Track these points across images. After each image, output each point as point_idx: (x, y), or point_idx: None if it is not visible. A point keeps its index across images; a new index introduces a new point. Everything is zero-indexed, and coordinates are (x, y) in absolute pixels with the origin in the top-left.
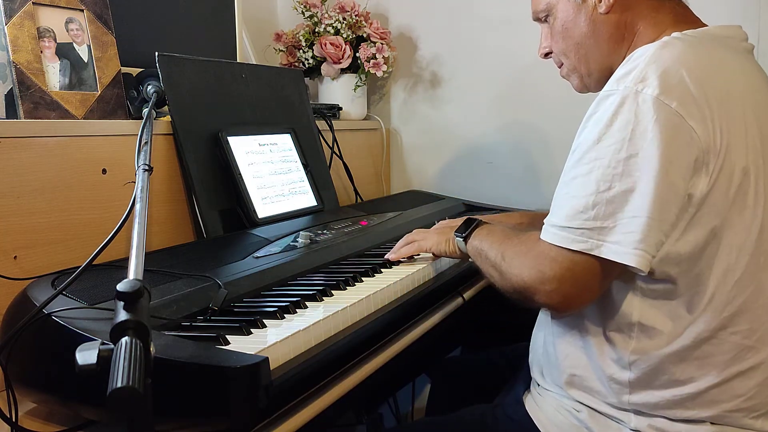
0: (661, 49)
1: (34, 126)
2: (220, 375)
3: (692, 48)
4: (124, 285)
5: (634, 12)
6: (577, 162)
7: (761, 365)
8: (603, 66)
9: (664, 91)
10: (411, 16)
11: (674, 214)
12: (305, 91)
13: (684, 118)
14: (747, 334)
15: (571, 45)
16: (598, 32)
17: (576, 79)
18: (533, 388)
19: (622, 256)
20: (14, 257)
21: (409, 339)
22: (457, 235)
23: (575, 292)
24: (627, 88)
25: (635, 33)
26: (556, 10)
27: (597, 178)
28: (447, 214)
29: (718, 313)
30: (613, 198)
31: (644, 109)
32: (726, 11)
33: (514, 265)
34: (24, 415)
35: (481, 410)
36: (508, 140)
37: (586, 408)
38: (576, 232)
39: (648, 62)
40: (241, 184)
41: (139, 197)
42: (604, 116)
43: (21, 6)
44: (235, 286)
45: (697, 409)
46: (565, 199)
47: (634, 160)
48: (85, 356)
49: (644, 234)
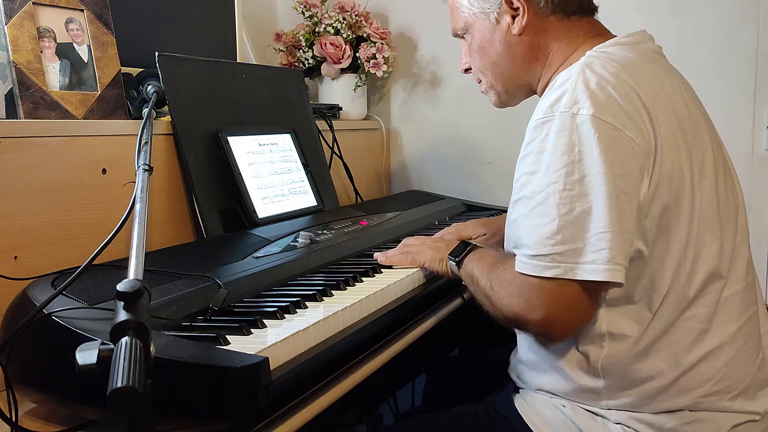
0: (583, 71)
1: (34, 126)
2: (221, 375)
3: (609, 62)
4: (124, 285)
5: (547, 33)
6: (529, 191)
7: (723, 346)
8: (519, 84)
9: (598, 109)
10: (411, 16)
11: (632, 222)
12: (305, 91)
13: (621, 130)
14: (703, 318)
15: (487, 63)
16: (512, 53)
17: (494, 96)
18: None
19: (599, 274)
20: (14, 257)
21: (409, 339)
22: (451, 258)
23: (566, 314)
24: (563, 113)
25: (549, 52)
26: (473, 29)
27: (555, 202)
28: (447, 214)
29: (676, 305)
30: (575, 219)
31: (584, 130)
32: (724, 13)
33: (502, 295)
34: (24, 415)
35: (474, 408)
36: (508, 140)
37: (570, 404)
38: (546, 258)
39: (575, 85)
40: (241, 184)
41: (139, 197)
42: (546, 143)
43: (21, 6)
44: (235, 286)
45: (672, 400)
46: (528, 229)
47: (588, 180)
48: (85, 356)
49: (614, 249)
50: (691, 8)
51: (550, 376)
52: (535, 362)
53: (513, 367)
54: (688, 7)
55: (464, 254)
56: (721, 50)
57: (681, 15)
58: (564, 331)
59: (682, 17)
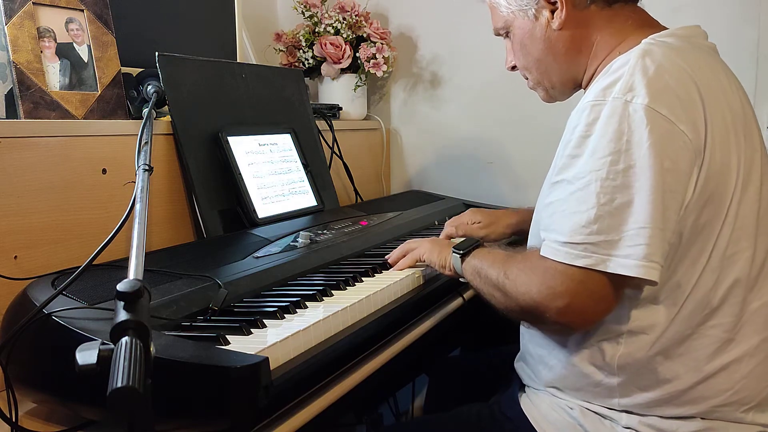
0: (642, 57)
1: (34, 126)
2: (221, 375)
3: (670, 51)
4: (124, 285)
5: (588, 24)
6: (570, 175)
7: (744, 357)
8: (564, 79)
9: (654, 99)
10: (411, 16)
11: (674, 221)
12: (305, 91)
13: (675, 123)
14: (728, 328)
15: (531, 60)
16: (554, 48)
17: (542, 92)
18: (527, 386)
19: (633, 270)
20: (14, 257)
21: (409, 339)
22: (455, 251)
23: (590, 305)
24: (615, 99)
25: (592, 44)
26: (513, 27)
27: (596, 190)
28: (447, 214)
29: (700, 309)
30: (615, 210)
31: (636, 119)
32: (726, 13)
33: (519, 282)
34: (24, 415)
35: (478, 408)
36: (508, 140)
37: (578, 405)
38: (579, 247)
39: (632, 71)
40: (241, 184)
41: (139, 197)
42: (593, 127)
43: (21, 6)
44: (235, 286)
45: (686, 406)
46: (564, 215)
47: (633, 171)
48: (85, 356)
49: (651, 245)
50: (692, 7)
51: (559, 371)
52: (544, 357)
53: (518, 363)
54: (688, 7)
55: (470, 248)
56: (722, 50)
57: (681, 14)
58: (584, 323)
59: (682, 16)
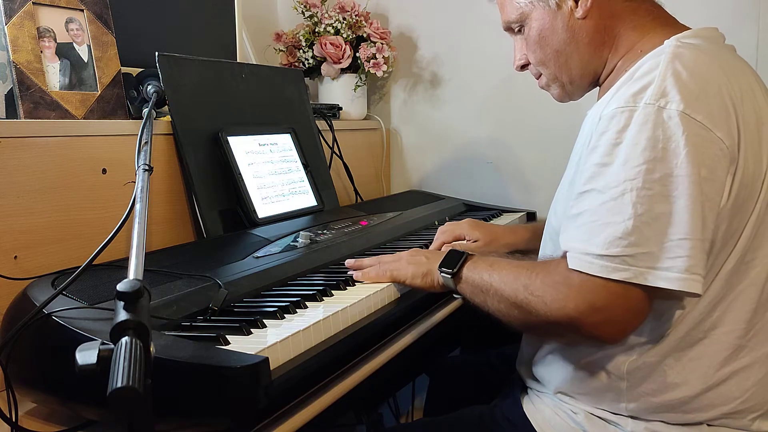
0: (672, 61)
1: (34, 126)
2: (221, 375)
3: (700, 55)
4: (124, 285)
5: (613, 15)
6: (600, 185)
7: (754, 365)
8: (585, 72)
9: (689, 104)
10: (411, 16)
11: (712, 230)
12: (305, 91)
13: (711, 130)
14: (741, 334)
15: (549, 53)
16: (577, 38)
17: (557, 89)
18: (530, 389)
19: (675, 283)
20: (14, 257)
21: (409, 339)
22: (444, 272)
23: (627, 318)
24: (648, 105)
25: (615, 36)
26: (530, 19)
27: (632, 200)
28: (447, 214)
29: (714, 314)
30: (653, 221)
31: (672, 126)
32: (726, 12)
33: (550, 299)
34: (24, 415)
35: (479, 411)
36: (508, 140)
37: (583, 411)
38: (616, 260)
39: (663, 76)
40: (241, 184)
41: (139, 197)
42: (624, 135)
43: (21, 6)
44: (235, 286)
45: (694, 413)
46: (596, 226)
47: (670, 180)
48: (85, 356)
49: (693, 257)
50: (691, 7)
51: (565, 373)
52: (549, 359)
53: (521, 366)
54: (687, 7)
55: (460, 264)
56: None
57: (680, 14)
58: (620, 336)
59: (681, 16)
